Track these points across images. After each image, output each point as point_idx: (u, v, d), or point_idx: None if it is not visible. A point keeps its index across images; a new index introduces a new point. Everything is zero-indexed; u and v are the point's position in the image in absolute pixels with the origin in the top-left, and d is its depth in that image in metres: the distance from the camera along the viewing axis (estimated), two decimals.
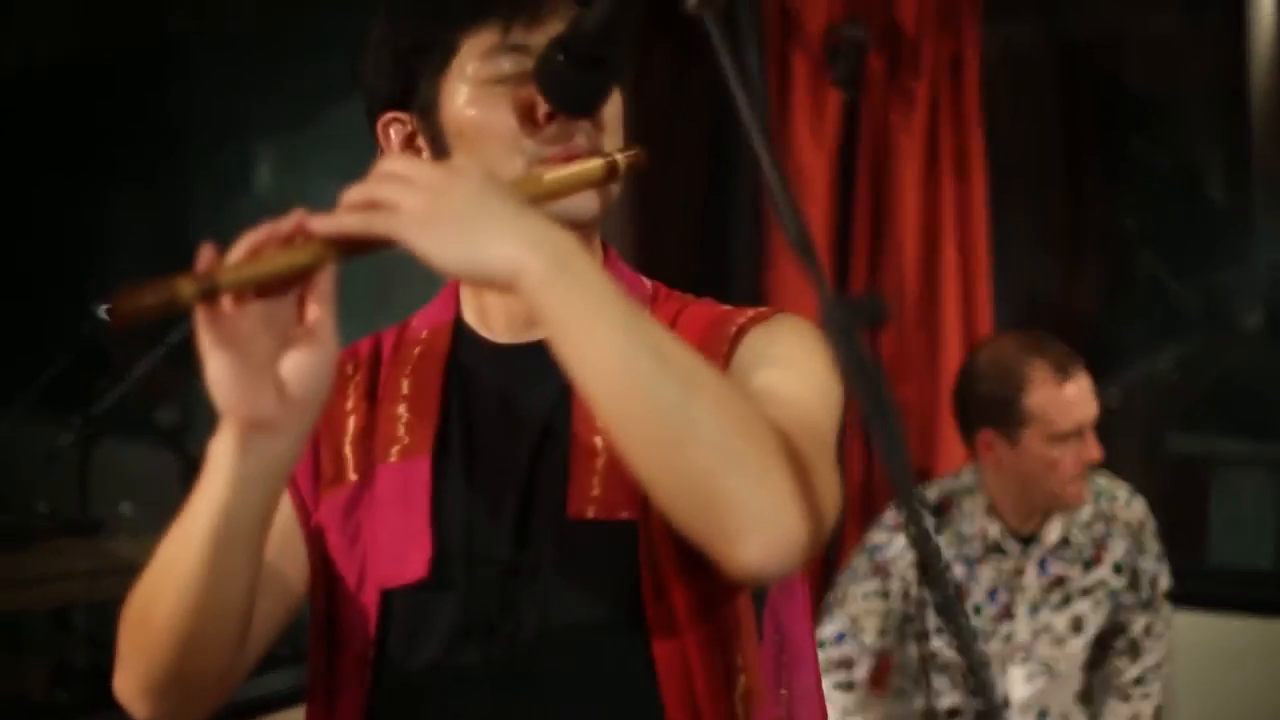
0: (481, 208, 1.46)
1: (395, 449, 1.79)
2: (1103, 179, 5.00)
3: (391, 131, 1.79)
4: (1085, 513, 3.65)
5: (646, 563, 1.68)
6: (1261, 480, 4.96)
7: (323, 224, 1.48)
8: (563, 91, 1.66)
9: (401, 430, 1.80)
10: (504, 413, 1.79)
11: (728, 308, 1.82)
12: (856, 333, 1.37)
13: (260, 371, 1.49)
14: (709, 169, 4.57)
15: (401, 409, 1.82)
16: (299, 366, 1.51)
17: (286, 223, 1.49)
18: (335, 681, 1.79)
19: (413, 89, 1.76)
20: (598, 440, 1.72)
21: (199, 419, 3.98)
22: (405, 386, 1.83)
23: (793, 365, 1.70)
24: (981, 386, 3.61)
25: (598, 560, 1.71)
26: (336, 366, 1.84)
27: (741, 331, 1.75)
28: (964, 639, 1.35)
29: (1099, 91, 5.04)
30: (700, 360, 1.48)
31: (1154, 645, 3.66)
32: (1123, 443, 3.97)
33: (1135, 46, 5.10)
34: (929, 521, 1.20)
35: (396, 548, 1.75)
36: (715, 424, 1.43)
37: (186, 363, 1.55)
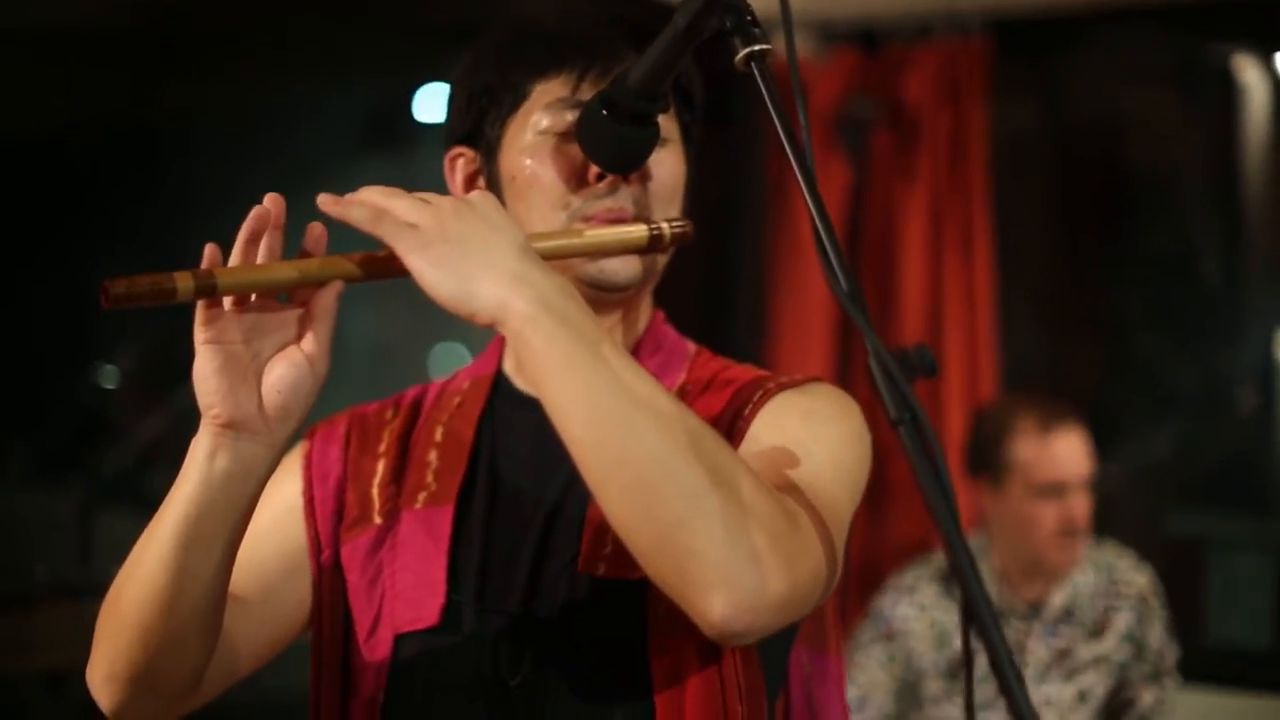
0: (482, 242, 1.48)
1: (422, 495, 1.80)
2: (1101, 259, 5.03)
3: (457, 166, 1.82)
4: (1090, 583, 3.64)
5: (654, 621, 1.67)
6: (1257, 560, 4.97)
7: (332, 206, 1.51)
8: (603, 148, 1.68)
9: (430, 477, 1.81)
10: (531, 464, 1.80)
11: (765, 373, 1.81)
12: (906, 383, 1.38)
13: (246, 375, 1.53)
14: (712, 242, 4.59)
15: (433, 456, 1.82)
16: (282, 379, 1.55)
17: (266, 201, 1.52)
18: None
19: (480, 128, 1.79)
20: None
21: None
22: (439, 434, 1.84)
23: (811, 429, 1.69)
24: (974, 435, 3.69)
25: (606, 616, 1.70)
26: (376, 409, 1.86)
27: (769, 394, 1.74)
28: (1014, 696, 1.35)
29: (1097, 172, 5.07)
30: (684, 411, 1.49)
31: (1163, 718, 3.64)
32: (1120, 522, 3.96)
33: (1132, 129, 5.13)
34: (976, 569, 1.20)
35: (413, 593, 1.75)
36: (690, 475, 1.43)
37: (188, 428, 1.57)
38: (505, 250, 1.49)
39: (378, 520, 1.80)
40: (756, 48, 1.54)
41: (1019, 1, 4.45)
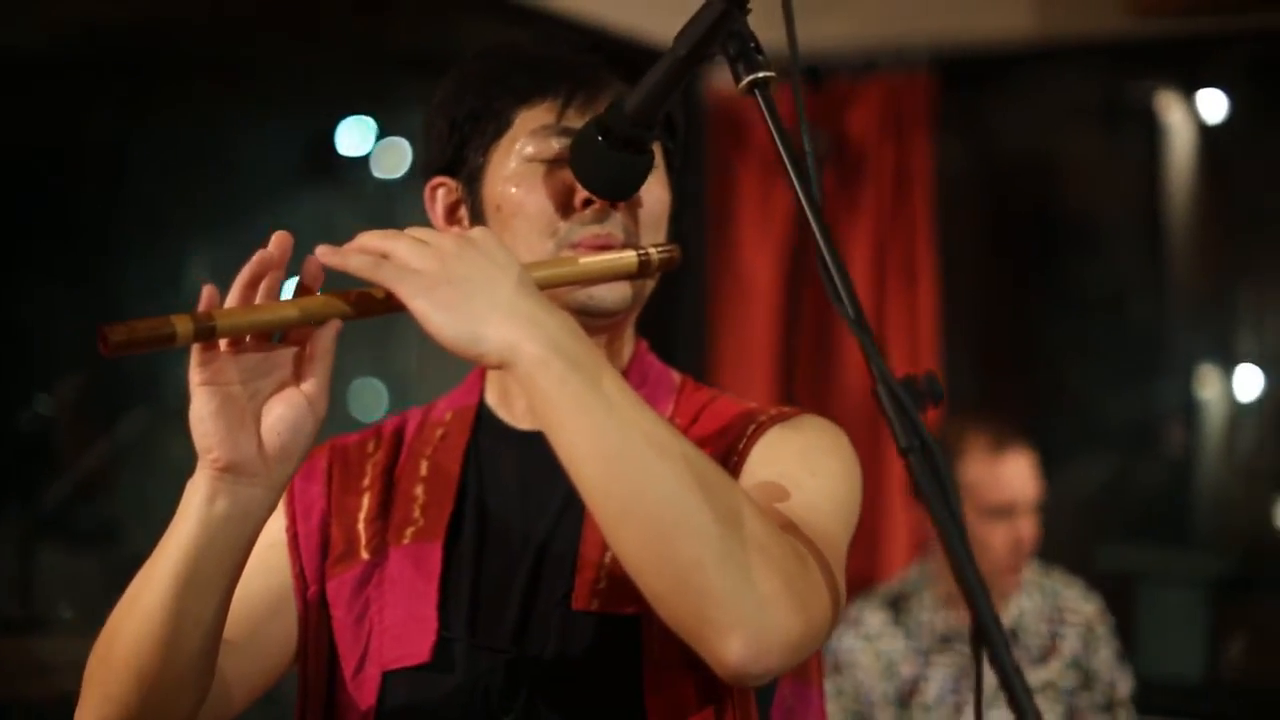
0: (486, 283, 1.47)
1: (410, 530, 1.78)
2: (1033, 294, 5.07)
3: (438, 195, 1.80)
4: (1036, 608, 3.66)
5: (648, 658, 1.66)
6: (1187, 594, 5.02)
7: (331, 256, 1.49)
8: (597, 174, 1.66)
9: (417, 512, 1.79)
10: (519, 499, 1.78)
11: (753, 405, 1.81)
12: (915, 411, 1.39)
13: (244, 417, 1.51)
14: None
15: (419, 490, 1.81)
16: (282, 420, 1.53)
17: (271, 245, 1.51)
18: None
19: (462, 157, 1.77)
20: None
21: (134, 518, 3.95)
22: (424, 468, 1.82)
23: (807, 465, 1.69)
24: None
25: (600, 653, 1.69)
26: (356, 441, 1.83)
27: (761, 428, 1.74)
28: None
29: (1030, 208, 5.12)
30: (696, 451, 1.48)
31: None
32: (1052, 556, 3.99)
33: (1063, 166, 5.19)
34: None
35: (402, 630, 1.73)
36: (706, 517, 1.42)
37: (128, 461, 1.55)
38: (510, 289, 1.47)
39: (365, 556, 1.78)
40: (760, 75, 1.53)
41: (962, 38, 4.49)
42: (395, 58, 4.63)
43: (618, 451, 1.43)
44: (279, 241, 1.51)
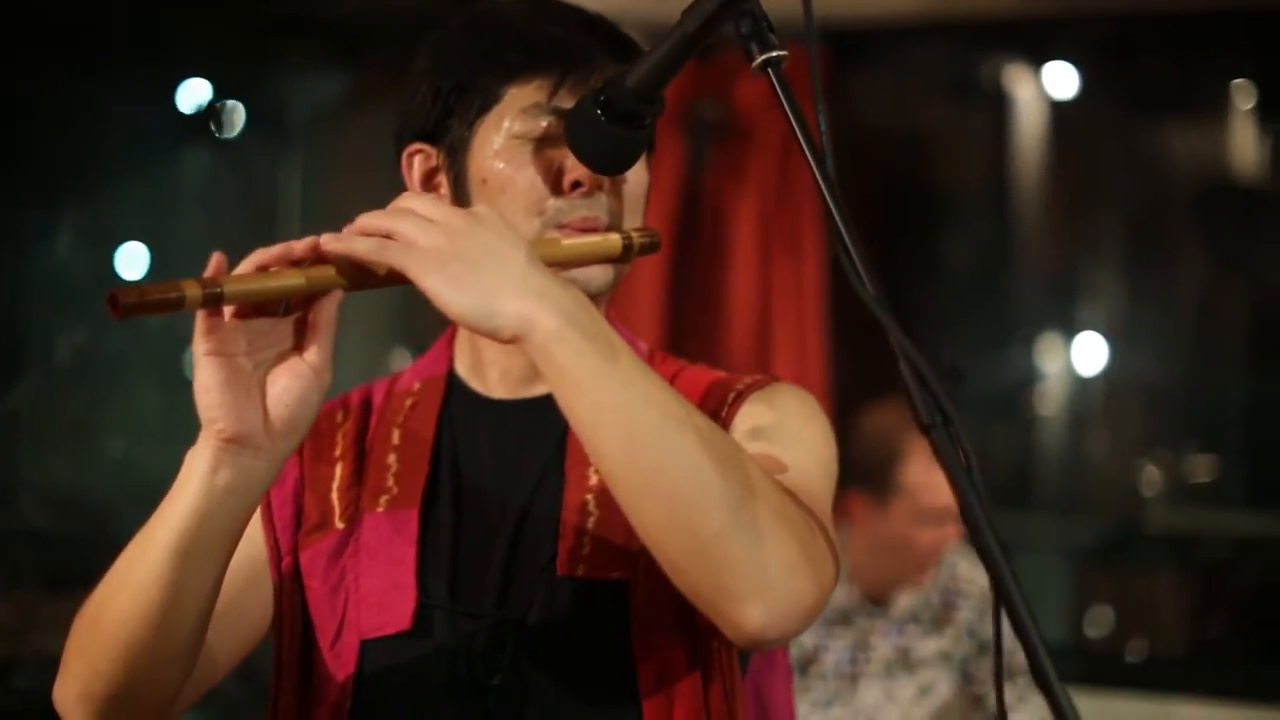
0: (497, 258, 1.46)
1: (384, 499, 1.77)
2: (897, 266, 5.12)
3: (415, 162, 1.77)
4: (930, 578, 3.69)
5: (637, 622, 1.67)
6: (1054, 560, 5.12)
7: (335, 244, 1.48)
8: (595, 148, 1.64)
9: (391, 480, 1.78)
10: (495, 467, 1.78)
11: (724, 373, 1.81)
12: (939, 385, 1.40)
13: (249, 388, 1.50)
14: None
15: (392, 459, 1.79)
16: (289, 391, 1.51)
17: (301, 244, 1.48)
18: None
19: (445, 127, 1.74)
20: (589, 499, 1.71)
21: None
22: (396, 437, 1.81)
23: (791, 433, 1.70)
24: (860, 447, 3.62)
25: (587, 619, 1.69)
26: (325, 411, 1.81)
27: (740, 397, 1.75)
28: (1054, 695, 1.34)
29: (894, 182, 5.18)
30: (709, 423, 1.49)
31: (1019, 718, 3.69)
32: None
33: (920, 142, 5.25)
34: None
35: (380, 598, 1.72)
36: (725, 488, 1.43)
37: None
38: (521, 264, 1.46)
39: (339, 525, 1.76)
40: (773, 54, 1.53)
41: (841, 13, 4.52)
42: (232, 19, 4.58)
43: (638, 425, 1.44)
44: (310, 245, 1.48)
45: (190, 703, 1.69)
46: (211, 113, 4.61)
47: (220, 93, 4.60)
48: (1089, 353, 5.06)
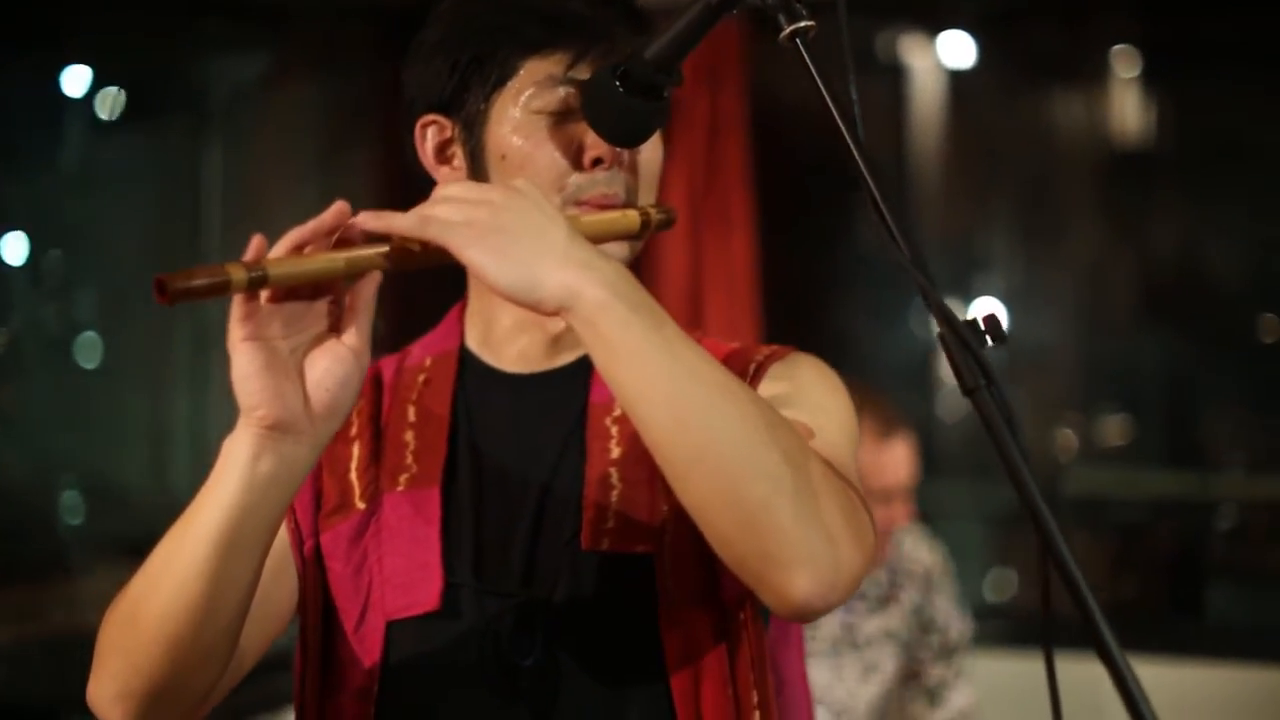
0: (539, 230, 1.45)
1: (404, 477, 1.75)
2: (805, 239, 5.15)
3: (429, 133, 1.75)
4: (882, 560, 3.68)
5: (664, 596, 1.67)
6: (970, 526, 5.18)
7: (374, 221, 1.46)
8: (613, 120, 1.64)
9: (409, 459, 1.76)
10: (514, 442, 1.77)
11: (739, 344, 1.81)
12: (980, 350, 1.41)
13: (287, 373, 1.48)
14: None
15: (409, 436, 1.78)
16: (330, 374, 1.49)
17: (328, 215, 1.47)
18: (334, 716, 1.73)
19: (461, 99, 1.72)
20: (612, 472, 1.70)
21: None
22: (412, 414, 1.79)
23: (816, 403, 1.70)
24: None
25: (612, 592, 1.68)
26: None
27: (761, 368, 1.74)
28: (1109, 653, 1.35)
29: (797, 156, 5.20)
30: (752, 392, 1.49)
31: (955, 696, 3.71)
32: None
33: (819, 111, 5.27)
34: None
35: (405, 578, 1.70)
36: (774, 458, 1.43)
37: None
38: (563, 236, 1.45)
39: (360, 505, 1.74)
40: (802, 24, 1.53)
41: None
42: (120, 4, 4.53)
43: (685, 396, 1.43)
44: (338, 212, 1.47)
45: (223, 695, 1.67)
46: (107, 95, 4.55)
47: (135, 74, 4.54)
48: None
